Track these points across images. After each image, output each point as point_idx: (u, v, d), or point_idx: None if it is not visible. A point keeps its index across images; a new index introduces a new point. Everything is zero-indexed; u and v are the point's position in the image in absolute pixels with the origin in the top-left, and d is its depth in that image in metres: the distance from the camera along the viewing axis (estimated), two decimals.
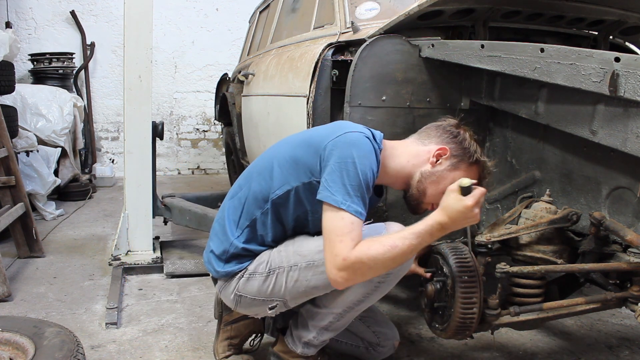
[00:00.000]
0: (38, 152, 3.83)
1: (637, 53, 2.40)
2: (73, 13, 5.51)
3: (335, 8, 2.38)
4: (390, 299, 2.33)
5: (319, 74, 2.02)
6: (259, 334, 1.77)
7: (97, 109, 5.78)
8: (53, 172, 3.97)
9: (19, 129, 3.64)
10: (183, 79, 6.03)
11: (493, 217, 2.03)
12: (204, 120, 6.18)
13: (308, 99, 2.06)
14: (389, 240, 1.28)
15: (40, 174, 3.71)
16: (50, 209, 3.77)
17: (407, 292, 2.43)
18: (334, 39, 2.16)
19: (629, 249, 1.48)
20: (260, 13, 3.86)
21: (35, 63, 5.11)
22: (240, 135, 3.44)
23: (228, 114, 3.76)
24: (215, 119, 4.42)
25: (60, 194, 4.40)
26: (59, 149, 4.20)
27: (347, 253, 1.26)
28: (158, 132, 2.87)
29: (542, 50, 1.36)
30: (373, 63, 1.82)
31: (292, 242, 1.49)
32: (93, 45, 5.62)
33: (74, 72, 5.41)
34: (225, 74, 4.21)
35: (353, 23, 2.15)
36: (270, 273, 1.46)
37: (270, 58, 2.88)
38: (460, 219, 1.28)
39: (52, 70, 5.06)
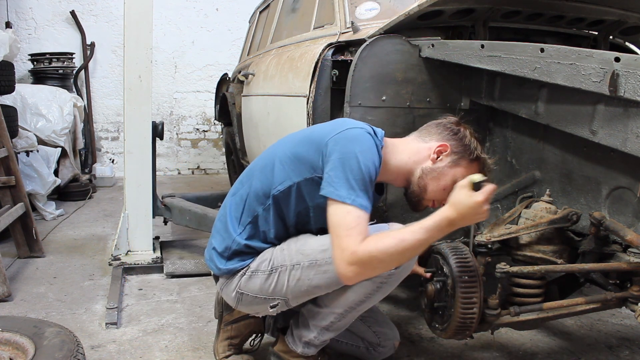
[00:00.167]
0: (38, 152, 3.83)
1: (637, 53, 2.40)
2: (73, 13, 5.51)
3: (335, 8, 2.38)
4: (390, 299, 2.33)
5: (319, 74, 2.02)
6: (260, 334, 1.77)
7: (97, 109, 5.78)
8: (53, 172, 3.97)
9: (19, 129, 3.64)
10: (183, 79, 6.03)
11: (493, 217, 2.03)
12: (204, 120, 6.18)
13: (308, 99, 2.07)
14: (399, 234, 1.28)
15: (40, 174, 3.71)
16: (50, 209, 3.77)
17: (407, 292, 2.43)
18: (334, 39, 2.16)
19: (629, 249, 1.48)
20: (260, 13, 3.86)
21: (35, 63, 5.11)
22: (240, 135, 3.44)
23: (228, 114, 3.76)
24: (215, 119, 4.42)
25: (60, 194, 4.40)
26: (59, 149, 4.20)
27: (355, 247, 1.25)
28: (158, 132, 2.87)
29: (542, 50, 1.36)
30: (373, 63, 1.82)
31: (295, 240, 1.48)
32: (93, 45, 5.62)
33: (74, 72, 5.40)
34: (225, 74, 4.21)
35: (353, 23, 2.15)
36: (273, 271, 1.46)
37: (270, 58, 2.88)
38: (470, 215, 1.27)
39: (52, 70, 5.06)
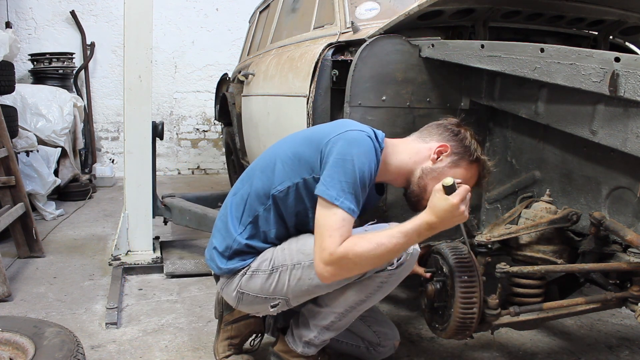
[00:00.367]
0: (38, 152, 3.83)
1: (637, 53, 2.40)
2: (73, 13, 5.51)
3: (335, 8, 2.38)
4: (390, 299, 2.33)
5: (319, 74, 2.02)
6: (260, 334, 1.77)
7: (97, 109, 5.78)
8: (53, 172, 3.97)
9: (19, 129, 3.64)
10: (183, 79, 6.03)
11: (493, 217, 2.03)
12: (204, 120, 6.18)
13: (308, 99, 2.06)
14: (376, 238, 1.29)
15: (40, 174, 3.71)
16: (50, 209, 3.77)
17: (407, 292, 2.43)
18: (334, 39, 2.16)
19: (629, 249, 1.48)
20: (260, 13, 3.86)
21: (35, 63, 5.11)
22: (240, 135, 3.43)
23: (228, 114, 3.76)
24: (215, 119, 4.42)
25: (60, 194, 4.40)
26: (59, 149, 4.20)
27: (334, 248, 1.28)
28: (158, 132, 2.87)
29: (542, 50, 1.36)
30: (373, 63, 1.82)
31: (295, 240, 1.49)
32: (93, 45, 5.62)
33: (74, 72, 5.40)
34: (225, 74, 4.21)
35: (353, 23, 2.15)
36: (274, 271, 1.46)
37: (270, 58, 2.88)
38: (448, 218, 1.29)
39: (52, 70, 5.06)
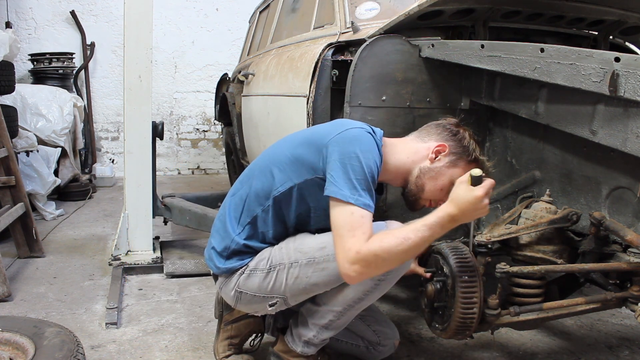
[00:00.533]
0: (38, 152, 3.83)
1: (637, 53, 2.40)
2: (73, 13, 5.51)
3: (335, 8, 2.38)
4: (390, 299, 2.33)
5: (319, 74, 2.02)
6: (260, 334, 1.77)
7: (97, 109, 5.78)
8: (53, 172, 3.97)
9: (19, 129, 3.64)
10: (183, 79, 6.03)
11: (493, 217, 2.03)
12: (204, 120, 6.18)
13: (308, 99, 2.06)
14: (402, 233, 1.28)
15: (40, 174, 3.71)
16: (50, 209, 3.77)
17: (407, 292, 2.43)
18: (334, 39, 2.16)
19: (629, 249, 1.48)
20: (260, 13, 3.86)
21: (35, 63, 5.11)
22: (240, 135, 3.43)
23: (228, 114, 3.76)
24: (215, 119, 4.42)
25: (60, 194, 4.40)
26: (59, 149, 4.20)
27: (359, 246, 1.26)
28: (158, 132, 2.88)
29: (542, 50, 1.36)
30: (373, 63, 1.82)
31: (293, 239, 1.49)
32: (93, 45, 5.62)
33: (74, 72, 5.40)
34: (225, 74, 4.21)
35: (353, 23, 2.15)
36: (271, 270, 1.46)
37: (270, 58, 2.88)
38: (470, 210, 1.28)
39: (52, 70, 5.06)
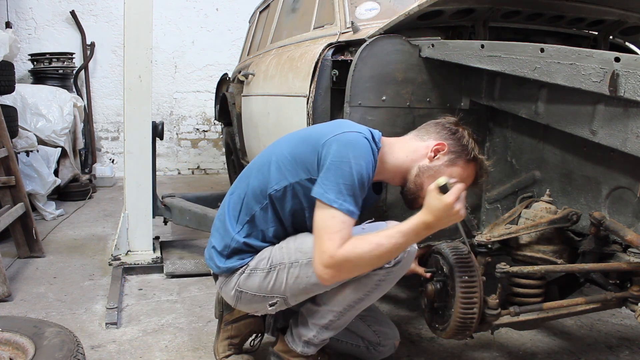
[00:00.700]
0: (38, 152, 3.83)
1: (637, 53, 2.40)
2: (73, 13, 5.51)
3: (335, 8, 2.38)
4: (390, 299, 2.33)
5: (319, 74, 2.02)
6: (260, 334, 1.77)
7: (97, 109, 5.78)
8: (53, 172, 3.97)
9: (19, 129, 3.64)
10: (183, 79, 6.03)
11: (493, 217, 2.03)
12: (204, 120, 6.18)
13: (308, 99, 2.06)
14: (375, 239, 1.30)
15: (40, 174, 3.71)
16: (50, 209, 3.77)
17: (407, 292, 2.43)
18: (334, 39, 2.16)
19: (629, 249, 1.48)
20: (260, 13, 3.86)
21: (35, 63, 5.11)
22: (240, 135, 3.43)
23: (228, 114, 3.76)
24: (215, 119, 4.42)
25: (60, 194, 4.40)
26: (59, 149, 4.20)
27: (334, 251, 1.28)
28: (158, 132, 2.87)
29: (542, 50, 1.36)
30: (373, 63, 1.82)
31: (293, 238, 1.49)
32: (93, 45, 5.62)
33: (74, 72, 5.40)
34: (225, 74, 4.21)
35: (353, 23, 2.15)
36: (272, 269, 1.46)
37: (270, 58, 2.88)
38: (444, 217, 1.29)
39: (52, 70, 5.06)
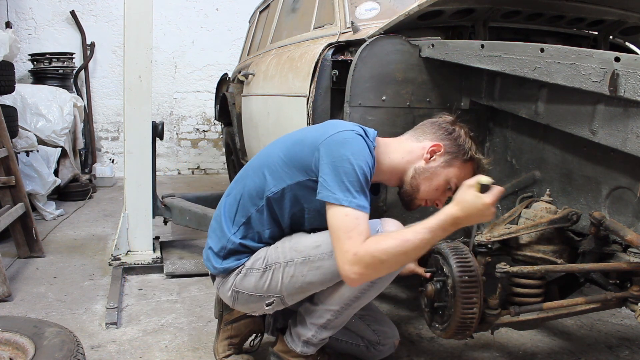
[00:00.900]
0: (38, 152, 3.83)
1: (637, 53, 2.40)
2: (73, 13, 5.51)
3: (335, 8, 2.38)
4: (390, 299, 2.33)
5: (319, 74, 2.02)
6: (259, 334, 1.77)
7: (97, 109, 5.78)
8: (53, 172, 3.97)
9: (19, 129, 3.64)
10: (183, 79, 6.03)
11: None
12: (204, 120, 6.18)
13: (308, 99, 2.06)
14: (401, 235, 1.27)
15: (40, 174, 3.71)
16: (50, 209, 3.77)
17: (407, 292, 2.43)
18: (334, 39, 2.16)
19: (629, 249, 1.48)
20: (260, 13, 3.86)
21: (35, 63, 5.11)
22: (240, 135, 3.43)
23: (228, 114, 3.76)
24: (215, 119, 4.42)
25: (60, 194, 4.40)
26: (59, 149, 4.20)
27: (356, 248, 1.25)
28: (158, 132, 2.87)
29: (542, 50, 1.36)
30: (373, 63, 1.82)
31: (289, 238, 1.50)
32: (93, 45, 5.62)
33: (74, 72, 5.40)
34: (225, 74, 4.21)
35: (353, 23, 2.15)
36: (267, 269, 1.47)
37: (270, 58, 2.88)
38: (476, 215, 1.27)
39: (52, 70, 5.06)
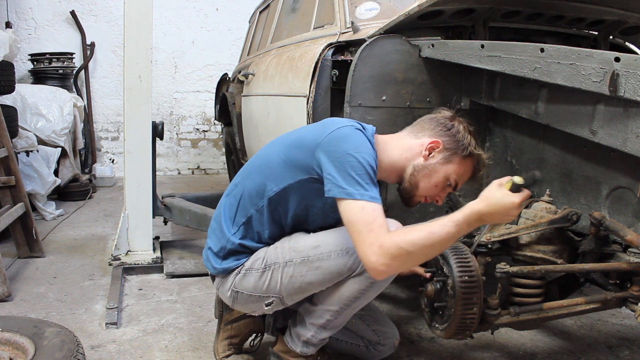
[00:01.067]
0: (38, 152, 3.83)
1: (637, 53, 2.40)
2: (73, 13, 5.51)
3: (335, 8, 2.38)
4: (390, 299, 2.33)
5: (319, 74, 2.02)
6: (260, 334, 1.77)
7: (97, 109, 5.78)
8: (53, 172, 3.97)
9: (19, 129, 3.64)
10: (183, 79, 6.03)
11: None
12: (204, 120, 6.18)
13: (308, 99, 2.07)
14: (427, 227, 1.25)
15: (40, 174, 3.71)
16: (50, 209, 3.77)
17: (407, 292, 2.43)
18: (334, 39, 2.16)
19: (629, 249, 1.48)
20: (260, 13, 3.86)
21: (35, 63, 5.11)
22: (240, 135, 3.43)
23: (228, 114, 3.76)
24: (215, 119, 4.42)
25: (60, 194, 4.40)
26: (59, 149, 4.20)
27: (382, 239, 1.22)
28: (158, 132, 2.87)
29: (542, 50, 1.36)
30: (373, 63, 1.82)
31: (288, 238, 1.49)
32: (93, 45, 5.62)
33: (74, 72, 5.40)
34: (225, 74, 4.21)
35: (353, 23, 2.15)
36: (266, 269, 1.46)
37: (270, 58, 2.88)
38: (501, 214, 1.26)
39: (52, 70, 5.06)
